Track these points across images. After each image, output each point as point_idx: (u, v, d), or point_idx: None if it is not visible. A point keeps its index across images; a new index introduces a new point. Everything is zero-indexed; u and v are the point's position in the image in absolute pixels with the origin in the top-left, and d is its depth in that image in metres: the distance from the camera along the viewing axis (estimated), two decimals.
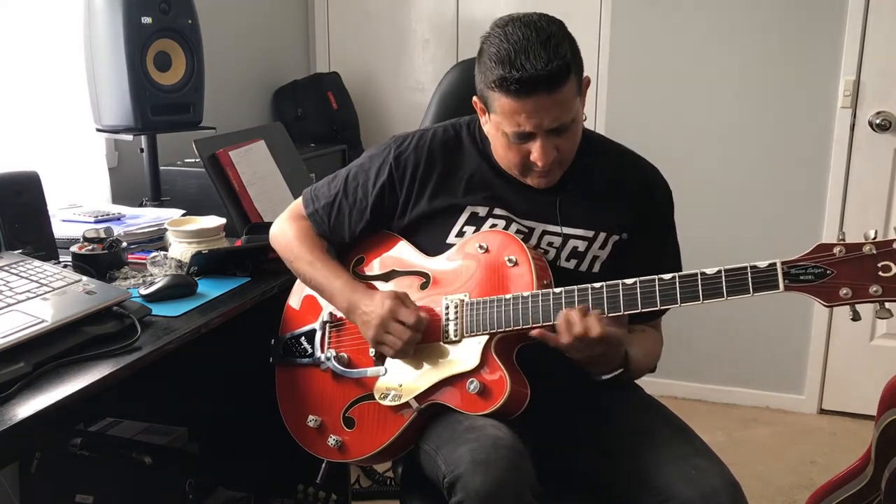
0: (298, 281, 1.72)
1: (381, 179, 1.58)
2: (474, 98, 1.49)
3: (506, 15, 1.43)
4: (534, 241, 1.52)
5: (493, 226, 1.52)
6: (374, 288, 1.57)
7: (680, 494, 1.33)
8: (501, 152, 1.49)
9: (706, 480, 1.33)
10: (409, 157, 1.57)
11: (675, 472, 1.36)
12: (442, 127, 1.62)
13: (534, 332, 1.37)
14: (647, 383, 1.66)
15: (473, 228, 1.53)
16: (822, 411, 3.24)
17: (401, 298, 1.47)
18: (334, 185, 1.64)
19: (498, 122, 1.43)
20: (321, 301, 1.65)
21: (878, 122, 2.96)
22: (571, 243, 1.52)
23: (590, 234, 1.52)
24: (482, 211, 1.53)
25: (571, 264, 1.52)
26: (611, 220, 1.53)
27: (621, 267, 1.49)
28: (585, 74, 1.45)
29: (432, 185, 1.55)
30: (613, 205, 1.54)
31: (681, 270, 1.53)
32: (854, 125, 3.00)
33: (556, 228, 1.52)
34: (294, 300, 1.73)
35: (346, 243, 1.65)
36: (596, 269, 1.52)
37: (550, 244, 1.52)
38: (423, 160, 1.56)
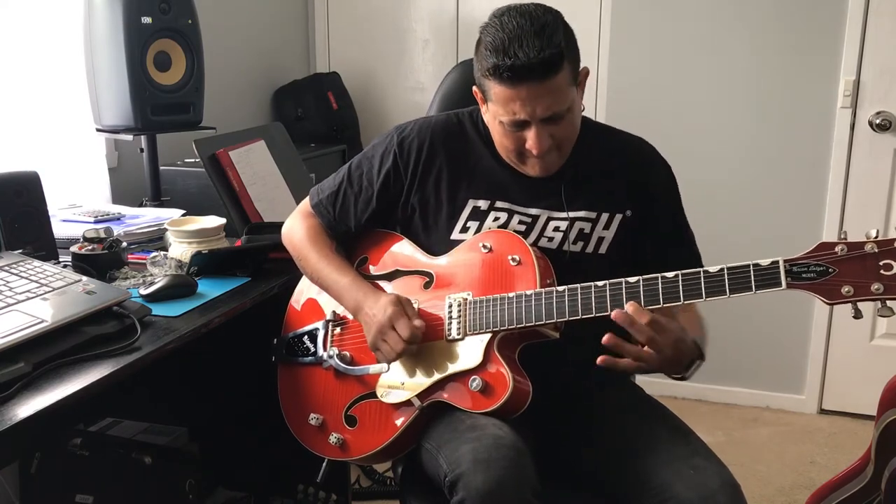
0: (301, 282, 1.72)
1: (387, 166, 1.59)
2: (474, 88, 1.50)
3: (504, 5, 1.44)
4: (539, 228, 1.52)
5: (496, 219, 1.52)
6: (381, 288, 1.57)
7: (678, 495, 1.33)
8: (499, 140, 1.51)
9: (705, 481, 1.33)
10: (413, 141, 1.58)
11: (674, 473, 1.36)
12: (444, 115, 1.63)
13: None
14: (647, 383, 1.66)
15: (477, 223, 1.53)
16: (822, 411, 3.24)
17: (403, 306, 1.45)
18: (339, 177, 1.66)
19: (494, 111, 1.45)
20: (323, 302, 1.65)
21: (878, 122, 2.96)
22: (577, 226, 1.52)
23: (592, 215, 1.53)
24: (484, 204, 1.54)
25: (578, 247, 1.52)
26: (611, 199, 1.54)
27: (629, 246, 1.50)
28: (584, 65, 1.46)
29: (436, 169, 1.56)
30: (612, 184, 1.55)
31: (698, 259, 1.53)
32: (854, 125, 3.00)
33: (562, 214, 1.52)
34: (296, 301, 1.72)
35: (353, 234, 1.66)
36: (602, 249, 1.52)
37: (557, 229, 1.52)
38: (427, 143, 1.57)
